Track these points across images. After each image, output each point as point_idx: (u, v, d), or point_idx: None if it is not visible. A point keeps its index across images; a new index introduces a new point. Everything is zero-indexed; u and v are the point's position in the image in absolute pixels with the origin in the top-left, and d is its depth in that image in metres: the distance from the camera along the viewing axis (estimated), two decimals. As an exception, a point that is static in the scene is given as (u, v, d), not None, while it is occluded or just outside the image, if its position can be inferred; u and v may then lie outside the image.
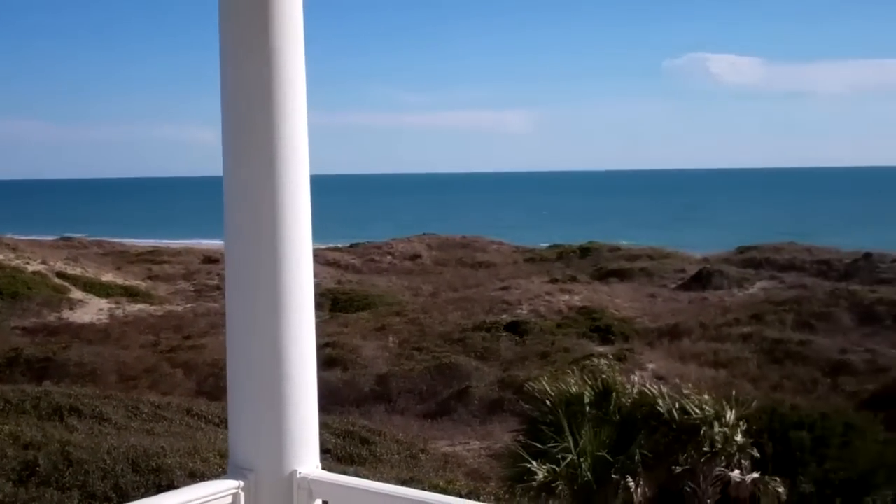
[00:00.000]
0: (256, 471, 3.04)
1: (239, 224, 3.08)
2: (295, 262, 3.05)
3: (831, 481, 17.68)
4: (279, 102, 3.01)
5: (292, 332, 3.05)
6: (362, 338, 31.38)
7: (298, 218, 3.06)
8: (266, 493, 3.04)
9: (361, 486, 3.09)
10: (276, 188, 3.01)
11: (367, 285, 43.93)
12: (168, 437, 17.05)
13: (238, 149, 3.06)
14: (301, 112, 3.07)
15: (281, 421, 3.05)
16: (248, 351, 3.08)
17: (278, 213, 3.01)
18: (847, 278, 39.67)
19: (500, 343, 30.10)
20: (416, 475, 17.30)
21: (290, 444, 3.06)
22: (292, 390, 3.06)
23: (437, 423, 24.00)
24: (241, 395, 3.11)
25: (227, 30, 3.07)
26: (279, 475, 3.05)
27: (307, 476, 3.05)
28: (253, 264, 3.04)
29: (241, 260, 3.07)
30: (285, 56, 3.02)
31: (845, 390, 25.02)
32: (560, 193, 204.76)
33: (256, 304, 3.05)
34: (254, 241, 3.04)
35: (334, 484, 3.07)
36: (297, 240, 3.05)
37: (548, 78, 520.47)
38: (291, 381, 3.06)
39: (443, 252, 54.63)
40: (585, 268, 45.59)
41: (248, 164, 3.04)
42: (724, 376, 26.00)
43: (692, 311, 34.90)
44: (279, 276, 3.02)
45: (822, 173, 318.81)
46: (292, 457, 3.06)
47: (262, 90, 3.01)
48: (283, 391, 3.05)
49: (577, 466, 11.64)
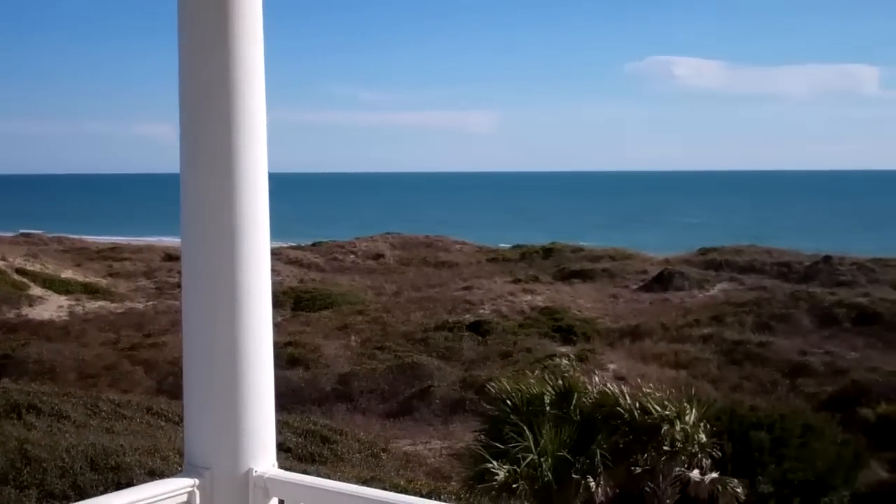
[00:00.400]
0: (212, 469, 3.01)
1: (196, 223, 3.04)
2: (253, 260, 3.03)
3: (790, 482, 17.86)
4: (237, 101, 2.98)
5: (249, 331, 3.03)
6: (324, 337, 31.30)
7: (256, 217, 3.03)
8: (222, 491, 3.01)
9: (317, 485, 3.07)
10: (234, 187, 2.98)
11: (330, 284, 43.80)
12: (128, 436, 16.90)
13: (195, 147, 3.03)
14: (260, 110, 3.04)
15: (237, 419, 3.02)
16: (205, 350, 3.05)
17: (236, 212, 2.98)
18: (807, 281, 40.08)
19: (463, 343, 30.12)
20: (377, 474, 17.27)
21: (246, 443, 3.03)
22: (249, 389, 3.03)
23: (398, 422, 23.98)
24: (198, 394, 3.08)
25: (185, 28, 3.04)
26: (235, 474, 3.02)
27: (263, 475, 3.03)
28: (210, 263, 3.01)
29: (197, 258, 3.04)
30: (244, 54, 2.99)
31: (804, 391, 25.28)
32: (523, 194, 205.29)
33: (213, 303, 3.02)
34: (211, 240, 3.01)
35: (290, 483, 3.05)
36: (254, 238, 3.02)
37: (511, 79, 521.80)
38: (248, 379, 3.03)
39: (406, 251, 54.60)
40: (548, 268, 45.74)
41: (206, 163, 3.01)
42: (684, 377, 26.18)
43: (653, 312, 35.12)
44: (236, 275, 3.00)
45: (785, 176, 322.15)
46: (248, 455, 3.04)
47: (220, 89, 2.98)
48: (240, 390, 3.02)
49: (538, 466, 11.65)
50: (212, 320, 3.03)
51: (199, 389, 3.08)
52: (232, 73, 2.97)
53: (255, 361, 3.05)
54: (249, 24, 3.00)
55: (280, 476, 3.06)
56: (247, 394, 3.03)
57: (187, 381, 3.09)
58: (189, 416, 3.10)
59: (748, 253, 47.66)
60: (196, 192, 3.04)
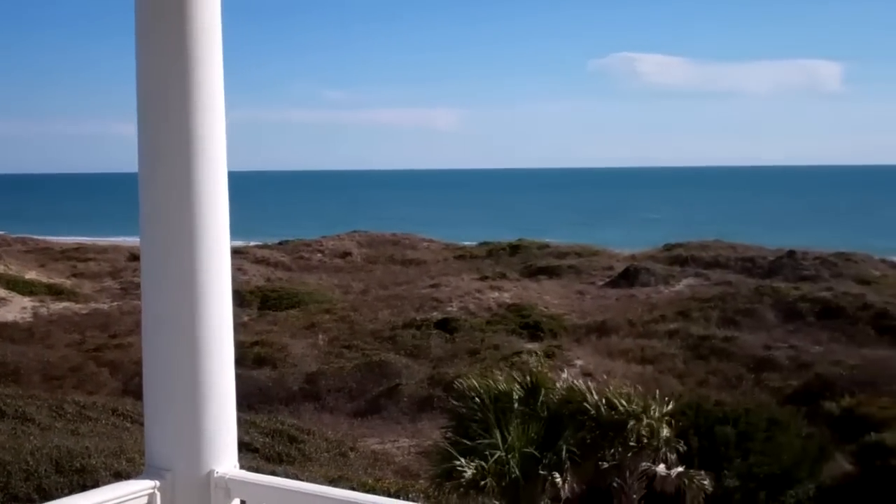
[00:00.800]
0: (173, 470, 2.99)
1: (155, 223, 3.02)
2: (213, 260, 3.01)
3: (755, 475, 18.01)
4: (195, 100, 2.96)
5: (210, 331, 3.01)
6: (291, 336, 31.18)
7: (216, 216, 3.01)
8: (183, 492, 2.99)
9: (279, 485, 3.06)
10: (193, 186, 2.96)
11: (297, 283, 43.65)
12: (93, 438, 16.78)
13: (154, 146, 3.01)
14: (219, 109, 3.02)
15: (198, 421, 3.00)
16: (165, 351, 3.03)
17: (195, 212, 2.96)
18: (771, 275, 40.41)
19: (430, 340, 30.11)
20: (345, 473, 17.25)
21: (207, 444, 3.01)
22: (210, 390, 3.02)
23: (366, 421, 23.94)
24: (158, 395, 3.06)
25: (142, 27, 3.01)
26: (196, 475, 3.00)
27: (224, 475, 3.01)
28: (169, 263, 2.99)
29: (157, 258, 3.02)
30: (202, 53, 2.97)
31: (769, 386, 25.48)
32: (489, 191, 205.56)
33: (173, 304, 3.00)
34: (170, 240, 2.99)
35: (252, 483, 3.03)
36: (214, 238, 3.00)
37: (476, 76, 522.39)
38: (209, 380, 3.01)
39: (373, 249, 54.51)
40: (515, 265, 45.82)
41: (165, 162, 2.99)
42: (650, 372, 26.33)
43: (620, 308, 35.28)
44: (196, 275, 2.98)
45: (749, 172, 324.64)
46: (210, 456, 3.02)
47: (178, 88, 2.96)
48: (201, 391, 3.00)
49: (506, 463, 11.68)
50: (171, 321, 3.01)
51: (159, 391, 3.06)
52: (190, 72, 2.95)
53: (216, 362, 3.03)
54: (207, 24, 2.98)
55: (241, 477, 3.04)
56: (208, 395, 3.01)
57: (147, 383, 3.07)
58: (150, 417, 3.08)
59: (713, 248, 47.98)
60: (154, 192, 3.02)
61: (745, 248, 47.96)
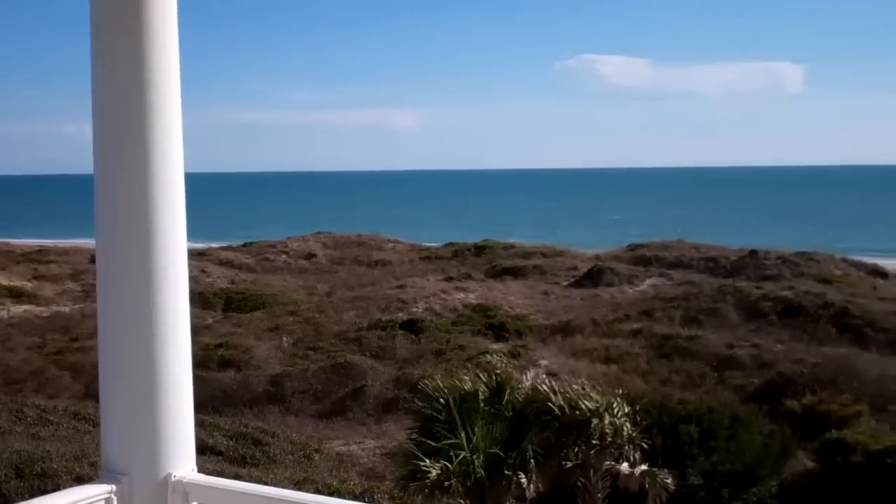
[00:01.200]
0: (130, 474, 2.96)
1: (110, 224, 2.99)
2: (169, 262, 2.98)
3: (719, 473, 18.16)
4: (152, 101, 2.94)
5: (167, 334, 2.98)
6: (256, 338, 31.02)
7: (173, 218, 2.98)
8: (140, 497, 2.96)
9: (237, 489, 3.04)
10: (149, 187, 2.93)
11: (261, 285, 43.44)
12: (54, 442, 16.63)
13: (109, 147, 2.98)
14: (175, 110, 3.00)
15: (155, 423, 2.97)
16: (121, 353, 2.99)
17: (151, 213, 2.93)
18: (733, 275, 40.73)
19: (396, 341, 30.08)
20: (309, 475, 17.21)
21: (164, 447, 2.98)
22: (167, 392, 2.99)
23: (331, 422, 23.88)
24: (115, 398, 3.03)
25: (97, 26, 2.98)
26: (153, 479, 2.98)
27: (182, 479, 2.99)
28: (125, 265, 2.96)
29: (112, 261, 2.99)
30: (158, 52, 2.94)
31: (732, 384, 25.68)
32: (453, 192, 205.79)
33: (129, 306, 2.97)
34: (126, 242, 2.96)
35: (210, 487, 3.01)
36: (171, 240, 2.98)
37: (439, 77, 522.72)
38: (166, 383, 2.98)
39: (338, 251, 54.36)
40: (480, 266, 45.86)
41: (120, 163, 2.96)
42: (615, 371, 26.46)
43: (584, 308, 35.42)
44: (152, 277, 2.95)
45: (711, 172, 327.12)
46: (167, 460, 2.99)
47: (133, 88, 2.93)
48: (158, 393, 2.97)
49: (470, 463, 11.69)
50: (127, 323, 2.98)
51: (115, 393, 3.02)
52: (145, 73, 2.92)
53: (174, 364, 3.00)
54: (163, 23, 2.95)
55: (199, 480, 3.02)
56: (165, 397, 2.98)
57: (103, 386, 3.04)
58: (106, 420, 3.04)
59: (676, 248, 48.30)
60: (110, 194, 2.99)
61: (707, 248, 48.32)
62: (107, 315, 3.02)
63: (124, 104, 2.95)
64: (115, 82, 2.97)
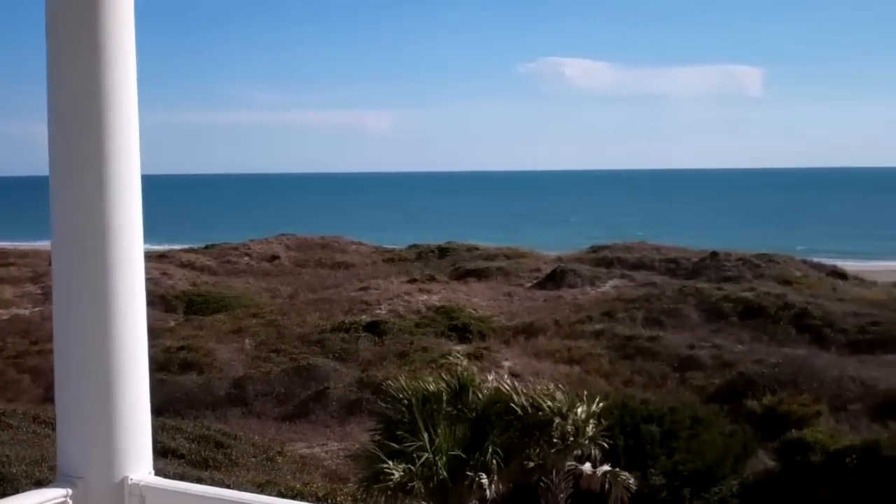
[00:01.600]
0: (86, 478, 2.93)
1: (66, 226, 2.97)
2: (126, 263, 2.96)
3: (680, 473, 18.29)
4: (108, 101, 2.91)
5: (123, 336, 2.96)
6: (218, 341, 30.84)
7: (130, 219, 2.96)
8: (96, 500, 2.93)
9: (195, 492, 3.02)
10: (105, 189, 2.91)
11: (224, 287, 43.16)
12: (14, 446, 16.45)
13: (65, 149, 2.95)
14: (132, 110, 2.98)
15: (111, 426, 2.95)
16: (77, 356, 2.97)
17: (107, 215, 2.91)
18: (694, 276, 41.05)
19: (359, 343, 30.01)
20: (272, 478, 17.14)
21: (121, 450, 2.96)
22: (123, 395, 2.96)
23: (294, 425, 23.79)
24: (70, 401, 3.00)
25: (53, 24, 2.96)
26: (110, 482, 2.95)
27: (139, 482, 2.96)
28: (81, 267, 2.94)
29: (68, 263, 2.96)
30: (115, 53, 2.92)
31: (693, 384, 25.89)
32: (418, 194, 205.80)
33: (84, 309, 2.95)
34: (81, 244, 2.93)
35: (167, 490, 2.99)
36: (127, 242, 2.96)
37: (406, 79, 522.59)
38: (122, 385, 2.96)
39: (301, 253, 54.15)
40: (444, 268, 45.89)
41: (76, 165, 2.94)
42: (577, 372, 26.58)
43: (547, 310, 35.53)
44: (109, 279, 2.92)
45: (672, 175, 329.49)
46: (124, 463, 2.96)
47: (89, 89, 2.91)
48: (114, 396, 2.95)
49: (433, 465, 11.69)
50: (83, 326, 2.96)
51: (71, 396, 3.00)
52: (102, 73, 2.90)
53: (130, 366, 2.98)
54: (120, 23, 2.93)
55: (157, 484, 3.00)
56: (121, 399, 2.96)
57: (59, 388, 3.01)
58: (61, 423, 3.01)
59: (638, 250, 48.60)
60: (66, 196, 2.97)
61: (669, 250, 48.67)
62: (62, 318, 2.99)
63: (80, 105, 2.93)
64: (71, 83, 2.94)
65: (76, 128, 2.93)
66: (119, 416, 2.96)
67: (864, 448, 18.87)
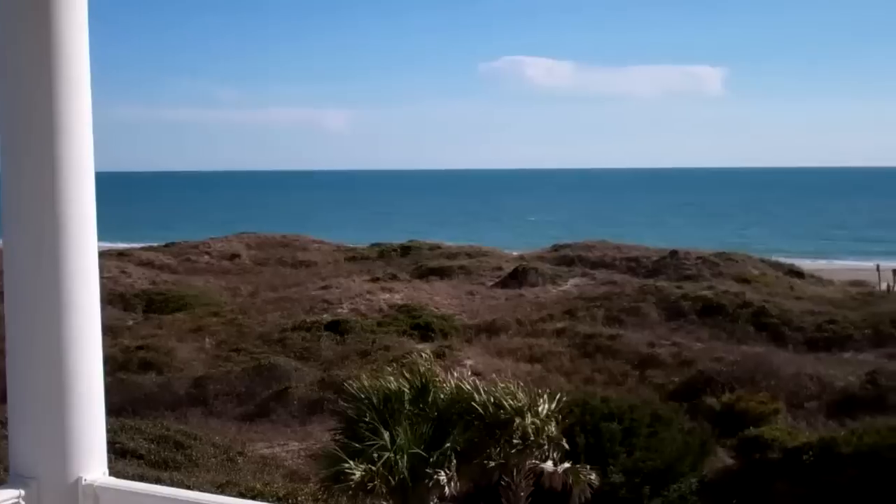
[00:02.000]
0: (39, 479, 2.89)
1: (18, 224, 2.93)
2: (79, 261, 2.93)
3: (640, 470, 18.38)
4: (60, 97, 2.88)
5: (77, 335, 2.92)
6: (178, 340, 30.61)
7: (83, 217, 2.93)
8: (49, 501, 2.90)
9: (150, 492, 2.99)
10: (57, 186, 2.88)
11: (184, 286, 42.85)
12: (-36, 448, 16.20)
13: (16, 146, 2.92)
14: (85, 107, 2.94)
15: (65, 426, 2.91)
16: (29, 355, 2.93)
17: (60, 213, 2.88)
18: (654, 275, 41.37)
19: (321, 342, 29.92)
20: (232, 478, 17.04)
21: (75, 451, 2.92)
22: (77, 394, 2.93)
23: (255, 424, 23.66)
24: (22, 400, 2.96)
25: (4, 18, 2.91)
26: (63, 483, 2.91)
27: (93, 483, 2.93)
28: (33, 265, 2.90)
29: (20, 260, 2.93)
30: (67, 48, 2.89)
31: (653, 382, 26.06)
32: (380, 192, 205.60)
33: (37, 307, 2.91)
34: (34, 243, 2.90)
35: (122, 490, 2.96)
36: (81, 240, 2.92)
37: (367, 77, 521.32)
38: (76, 384, 2.93)
39: (262, 251, 53.91)
40: (406, 266, 45.87)
41: (28, 162, 2.90)
42: (538, 370, 26.66)
43: (509, 308, 35.64)
44: (61, 277, 2.89)
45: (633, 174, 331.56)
46: (77, 463, 2.93)
47: (41, 86, 2.87)
48: (67, 395, 2.91)
49: (394, 464, 11.68)
50: (35, 324, 2.92)
51: (23, 395, 2.96)
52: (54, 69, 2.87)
53: (83, 365, 2.95)
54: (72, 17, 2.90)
55: (111, 484, 2.96)
56: (75, 399, 2.93)
57: (11, 388, 2.97)
58: (13, 423, 2.97)
59: (599, 249, 48.90)
60: (17, 193, 2.93)
61: (629, 249, 49.02)
62: (14, 316, 2.96)
63: (31, 101, 2.89)
64: (23, 79, 2.91)
65: (28, 125, 2.90)
66: (72, 415, 2.93)
67: (821, 445, 19.06)
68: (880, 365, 26.23)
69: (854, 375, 25.14)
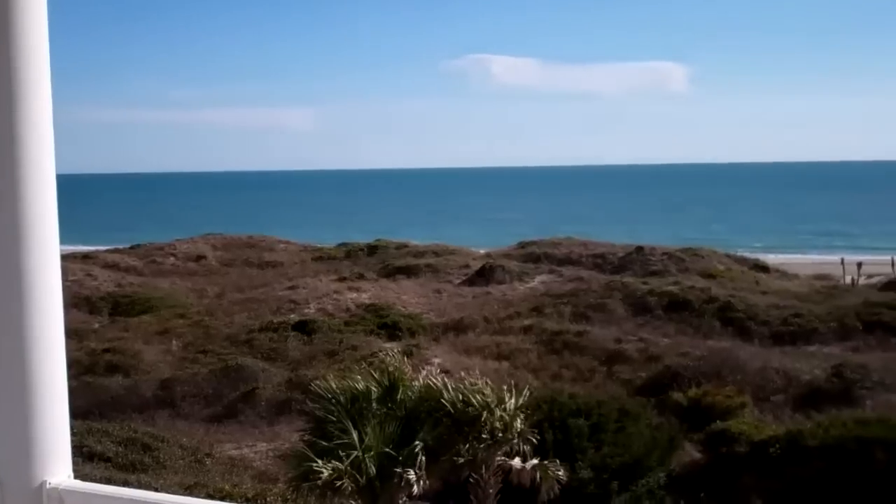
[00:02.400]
0: (2, 483, 2.87)
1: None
2: (41, 263, 2.90)
3: (608, 466, 18.48)
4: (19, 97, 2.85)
5: (39, 337, 2.90)
6: (144, 342, 30.40)
7: (44, 220, 2.91)
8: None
9: (116, 494, 2.97)
10: (18, 188, 2.85)
11: (149, 288, 42.56)
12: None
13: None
14: (45, 107, 2.92)
15: (27, 429, 2.89)
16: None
17: (20, 216, 2.85)
18: (621, 271, 41.59)
19: (288, 343, 29.84)
20: (201, 480, 16.97)
21: (38, 454, 2.90)
22: (40, 397, 2.90)
23: (223, 426, 23.55)
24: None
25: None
26: (27, 487, 2.89)
27: (58, 486, 2.90)
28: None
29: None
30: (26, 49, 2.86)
31: (620, 378, 26.17)
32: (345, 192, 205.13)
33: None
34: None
35: (88, 493, 2.93)
36: (42, 242, 2.90)
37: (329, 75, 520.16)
38: (39, 387, 2.90)
39: (228, 252, 53.63)
40: (373, 265, 45.81)
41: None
42: (506, 368, 26.71)
43: (476, 306, 35.68)
44: (22, 279, 2.86)
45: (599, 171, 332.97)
46: (41, 467, 2.90)
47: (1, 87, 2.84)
48: (30, 398, 2.89)
49: (362, 462, 11.67)
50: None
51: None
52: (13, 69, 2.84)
53: (46, 367, 2.92)
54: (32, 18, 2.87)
55: (76, 487, 2.94)
56: (38, 402, 2.90)
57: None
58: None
59: (565, 246, 49.05)
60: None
61: (595, 245, 49.22)
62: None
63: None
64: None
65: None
66: (35, 418, 2.90)
67: (788, 438, 19.24)
68: (846, 358, 26.48)
69: (820, 369, 25.36)
